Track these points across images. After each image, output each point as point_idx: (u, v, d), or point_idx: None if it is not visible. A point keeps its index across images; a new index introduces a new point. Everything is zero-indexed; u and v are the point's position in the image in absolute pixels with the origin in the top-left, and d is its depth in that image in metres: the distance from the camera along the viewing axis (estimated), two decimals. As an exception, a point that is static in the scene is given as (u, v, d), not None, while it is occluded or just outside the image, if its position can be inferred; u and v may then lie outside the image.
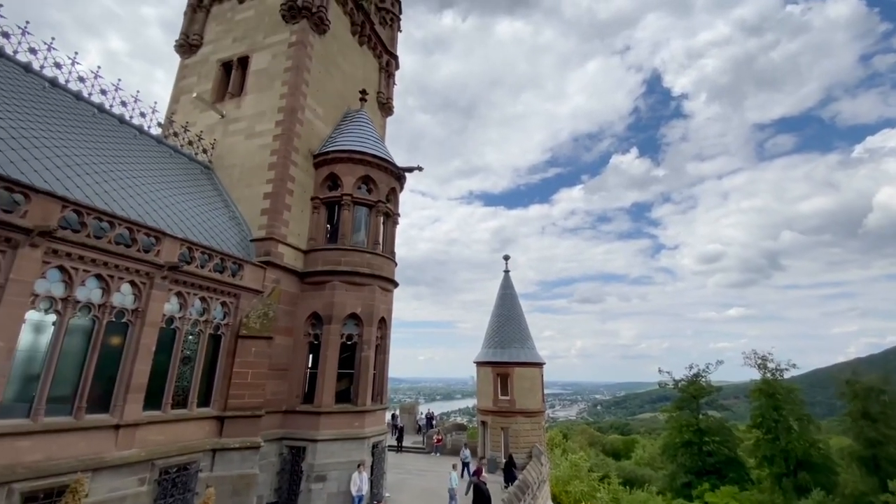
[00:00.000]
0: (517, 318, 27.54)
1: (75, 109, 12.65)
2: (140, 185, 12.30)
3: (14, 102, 10.60)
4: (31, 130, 10.22)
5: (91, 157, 11.41)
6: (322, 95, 18.57)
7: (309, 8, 17.92)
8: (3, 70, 11.18)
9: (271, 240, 14.90)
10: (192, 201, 14.07)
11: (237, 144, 17.29)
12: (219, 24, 20.47)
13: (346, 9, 21.19)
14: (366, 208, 17.23)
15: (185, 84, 19.86)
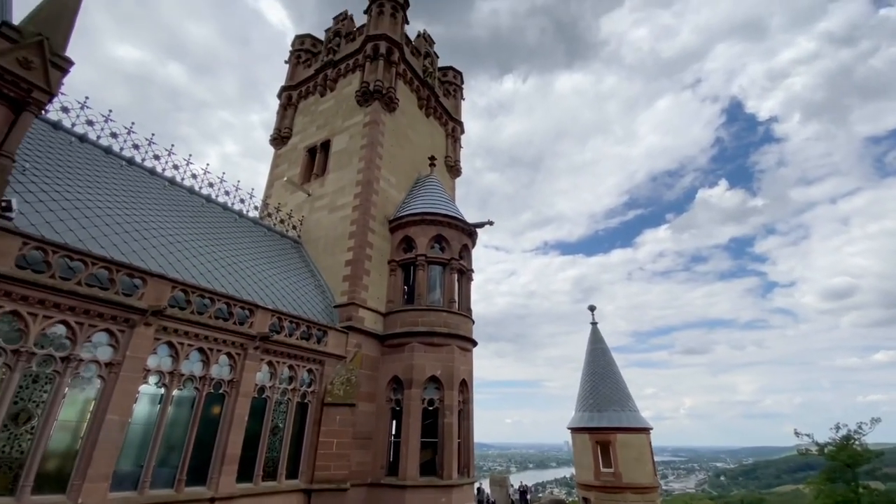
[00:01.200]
0: (613, 376, 25.04)
1: (189, 202, 14.62)
2: (238, 262, 13.55)
3: (140, 200, 12.49)
4: (151, 222, 11.86)
5: (198, 241, 12.89)
6: (394, 165, 19.74)
7: (380, 91, 19.65)
8: (133, 175, 13.37)
9: (352, 305, 15.37)
10: (282, 273, 15.15)
11: (322, 218, 18.70)
12: (304, 116, 23.18)
13: (412, 87, 22.97)
14: (440, 267, 17.33)
15: (278, 171, 22.36)
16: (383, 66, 20.40)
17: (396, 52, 21.15)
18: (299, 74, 24.49)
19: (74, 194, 10.24)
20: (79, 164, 11.54)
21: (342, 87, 21.98)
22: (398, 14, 22.35)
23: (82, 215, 9.86)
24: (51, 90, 8.55)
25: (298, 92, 23.94)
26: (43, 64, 8.47)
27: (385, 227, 17.91)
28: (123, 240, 10.27)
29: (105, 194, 11.21)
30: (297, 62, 25.29)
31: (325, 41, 24.76)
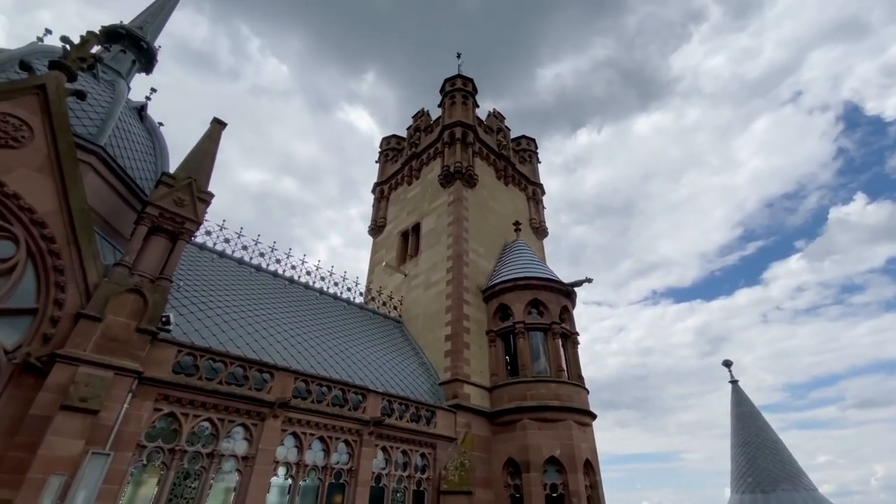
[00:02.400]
0: (772, 445, 20.71)
1: (305, 296, 16.19)
2: (348, 348, 14.33)
3: (266, 301, 14.10)
4: (276, 319, 13.22)
5: (314, 331, 13.99)
6: (481, 236, 20.17)
7: (460, 171, 20.83)
8: (260, 279, 15.28)
9: (456, 381, 15.12)
10: (389, 354, 15.63)
11: (419, 296, 19.37)
12: (395, 205, 25.20)
13: (489, 161, 24.03)
14: (540, 333, 16.58)
15: (377, 257, 24.09)
16: (460, 148, 21.81)
17: (471, 134, 22.58)
18: (388, 170, 27.11)
19: (216, 303, 11.91)
20: (218, 277, 13.54)
21: (426, 174, 23.74)
22: (469, 101, 24.22)
23: (222, 321, 11.34)
24: (199, 220, 10.37)
25: (389, 185, 26.33)
26: (192, 200, 10.38)
27: (479, 297, 17.93)
28: (254, 339, 11.51)
29: (239, 300, 12.87)
30: (385, 160, 28.16)
31: (407, 137, 27.45)
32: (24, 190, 8.29)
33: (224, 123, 12.14)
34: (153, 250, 9.63)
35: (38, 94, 8.80)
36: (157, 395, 8.78)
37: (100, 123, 10.59)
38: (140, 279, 9.04)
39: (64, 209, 8.53)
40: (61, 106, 8.91)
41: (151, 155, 12.69)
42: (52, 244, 8.33)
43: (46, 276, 8.22)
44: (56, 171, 8.61)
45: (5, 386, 7.41)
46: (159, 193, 9.98)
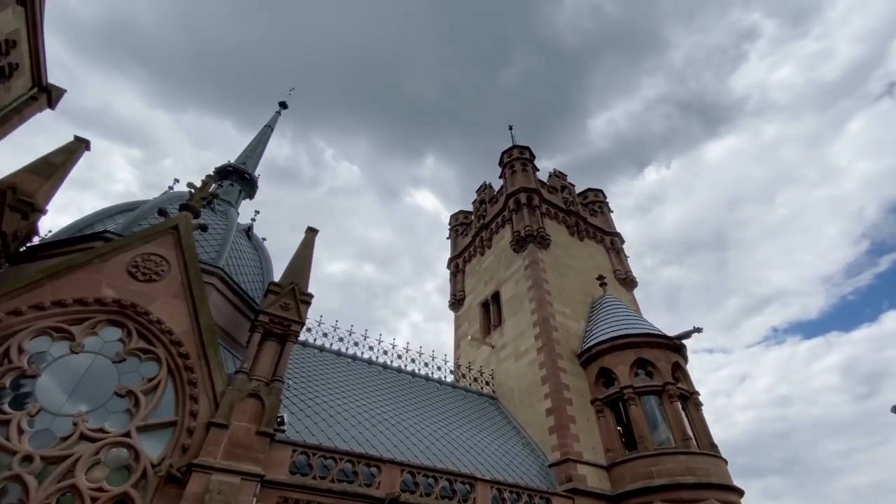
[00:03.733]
0: None
1: (398, 380, 16.38)
2: (447, 431, 13.95)
3: (365, 390, 14.45)
4: (376, 407, 13.39)
5: (412, 416, 13.91)
6: (564, 297, 19.49)
7: (531, 234, 20.88)
8: (357, 368, 15.83)
9: (568, 461, 13.86)
10: (489, 436, 14.93)
11: (510, 368, 18.73)
12: (471, 277, 25.54)
13: (558, 220, 23.90)
14: (654, 396, 15.00)
15: (461, 331, 24.07)
16: (527, 212, 22.06)
17: (536, 197, 22.87)
18: (460, 244, 27.94)
19: (321, 397, 12.44)
20: (320, 371, 14.27)
21: (497, 242, 24.07)
22: (528, 166, 24.89)
23: (328, 415, 11.74)
24: (302, 321, 11.23)
25: (462, 258, 26.96)
26: (296, 304, 11.34)
27: (575, 363, 16.90)
28: (359, 431, 11.69)
29: (341, 391, 13.35)
30: (456, 235, 29.18)
31: (474, 210, 28.45)
32: (164, 315, 9.65)
33: (316, 230, 13.51)
34: (266, 354, 10.49)
35: (173, 234, 10.55)
36: (278, 497, 9.04)
37: (218, 248, 12.32)
38: (257, 383, 9.79)
39: (195, 327, 9.73)
40: (190, 240, 10.56)
41: (259, 268, 14.31)
42: (187, 360, 9.42)
43: (183, 390, 9.21)
44: (188, 295, 9.99)
45: (152, 498, 8.09)
46: (268, 301, 11.07)
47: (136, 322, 9.41)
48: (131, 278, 9.70)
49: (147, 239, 10.40)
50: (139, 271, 9.80)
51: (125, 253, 9.99)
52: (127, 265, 9.77)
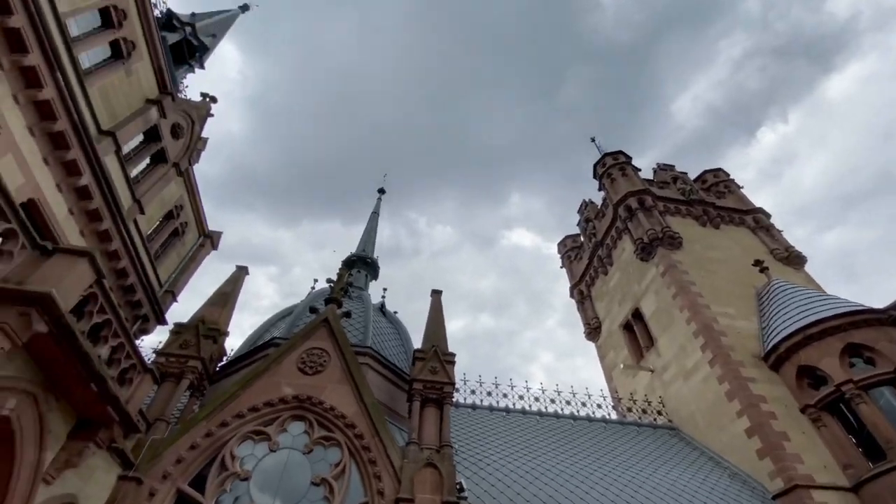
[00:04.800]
0: None
1: (558, 426, 15.33)
2: (635, 474, 12.41)
3: (526, 441, 13.73)
4: (543, 458, 12.54)
5: (587, 465, 12.71)
6: (720, 295, 17.03)
7: (656, 237, 19.07)
8: (513, 421, 15.22)
9: (797, 489, 11.28)
10: (685, 472, 12.94)
11: (681, 390, 16.50)
12: (600, 300, 23.86)
13: (681, 213, 21.61)
14: (887, 387, 11.86)
15: (608, 361, 22.19)
16: (643, 216, 20.36)
17: (648, 198, 21.14)
18: (577, 269, 26.61)
19: (489, 457, 12.08)
20: (478, 429, 14.01)
21: (618, 257, 22.41)
22: (627, 169, 23.36)
23: (502, 475, 11.27)
24: (452, 381, 11.29)
25: (584, 283, 25.51)
26: (442, 366, 11.50)
27: (763, 367, 14.27)
28: (538, 487, 10.97)
29: (505, 448, 12.86)
30: (569, 262, 27.96)
31: (581, 231, 27.21)
32: (335, 401, 10.40)
33: (440, 291, 13.93)
34: (428, 421, 10.62)
35: (325, 326, 11.64)
36: (480, 571, 8.63)
37: (363, 330, 13.27)
38: (429, 452, 9.84)
39: (363, 408, 10.30)
40: (340, 329, 11.53)
41: (398, 339, 15.04)
42: (363, 440, 9.90)
43: (366, 470, 9.60)
44: (350, 379, 10.73)
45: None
46: (417, 369, 11.40)
47: (314, 413, 10.27)
48: (302, 374, 10.76)
49: (306, 336, 11.59)
50: (307, 366, 10.86)
51: (292, 353, 11.21)
52: (296, 363, 10.91)
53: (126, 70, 10.95)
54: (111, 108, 10.54)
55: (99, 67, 10.31)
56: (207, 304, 12.14)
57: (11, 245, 5.94)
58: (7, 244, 5.91)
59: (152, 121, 11.87)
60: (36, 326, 5.60)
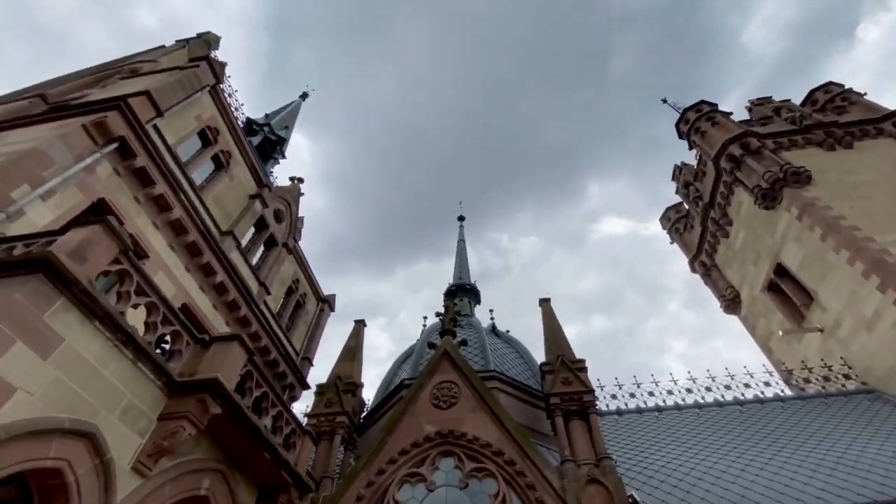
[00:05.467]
0: None
1: (725, 415, 13.49)
2: (842, 453, 10.35)
3: (692, 439, 12.22)
4: (724, 458, 11.00)
5: (776, 453, 10.90)
6: (881, 221, 14.11)
7: (778, 179, 16.61)
8: (668, 419, 13.74)
9: None
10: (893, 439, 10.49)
11: (866, 345, 13.70)
12: (729, 267, 21.16)
13: (798, 145, 18.65)
14: None
15: (760, 331, 19.35)
16: (753, 160, 17.92)
17: (752, 139, 18.64)
18: (691, 240, 24.09)
19: (655, 463, 10.97)
20: (633, 436, 12.87)
21: (737, 213, 19.86)
22: (716, 117, 20.98)
23: (676, 480, 10.10)
24: (590, 388, 10.60)
25: (704, 253, 22.93)
26: (573, 374, 10.87)
27: (979, 293, 11.32)
28: (724, 489, 9.61)
29: (670, 451, 11.61)
30: (679, 234, 25.47)
31: (683, 198, 24.78)
32: (476, 431, 10.28)
33: (548, 299, 13.42)
34: (577, 435, 9.97)
35: (447, 358, 11.74)
36: (684, 593, 7.64)
37: (482, 354, 13.18)
38: (588, 468, 9.19)
39: (505, 433, 10.03)
40: (462, 358, 11.56)
41: (518, 356, 14.67)
42: (514, 466, 9.57)
43: (526, 496, 9.21)
44: (484, 406, 10.58)
45: None
46: (549, 383, 10.90)
47: (460, 446, 10.23)
48: (438, 409, 10.87)
49: (431, 372, 11.79)
50: (440, 401, 10.96)
51: (423, 391, 11.42)
52: (430, 399, 11.07)
53: (229, 176, 12.67)
54: (224, 210, 12.17)
55: (208, 181, 12.05)
56: (339, 361, 12.99)
57: (179, 344, 6.91)
58: (176, 344, 6.89)
59: (258, 213, 13.47)
60: (212, 409, 6.36)
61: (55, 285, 5.10)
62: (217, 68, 12.56)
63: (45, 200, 7.45)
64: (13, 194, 6.99)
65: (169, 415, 6.24)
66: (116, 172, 8.93)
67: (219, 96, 12.86)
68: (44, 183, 7.43)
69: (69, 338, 5.21)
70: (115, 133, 8.66)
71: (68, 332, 5.21)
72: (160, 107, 9.89)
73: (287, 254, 15.28)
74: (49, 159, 7.66)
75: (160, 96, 10.00)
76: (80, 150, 8.18)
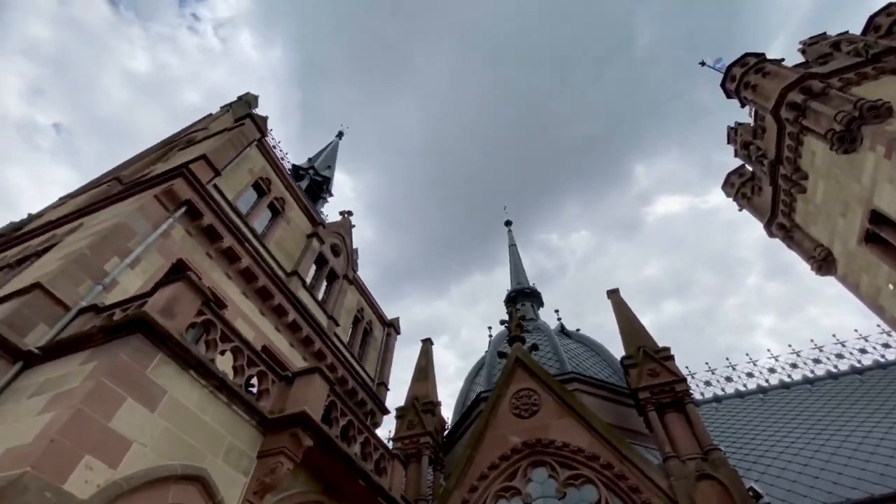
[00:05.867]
0: None
1: (841, 390, 12.03)
2: None
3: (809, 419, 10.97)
4: (851, 437, 9.77)
5: None
6: None
7: (853, 119, 14.91)
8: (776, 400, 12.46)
9: None
10: None
11: None
12: (814, 224, 19.14)
13: (867, 76, 16.71)
14: None
15: (865, 289, 17.21)
16: (819, 104, 16.23)
17: (812, 81, 16.96)
18: (762, 204, 22.12)
19: (770, 451, 9.99)
20: (738, 423, 11.81)
21: (810, 164, 18.01)
22: (766, 66, 19.33)
23: (800, 467, 9.09)
24: (681, 377, 9.89)
25: (780, 214, 20.95)
26: (660, 365, 10.21)
27: None
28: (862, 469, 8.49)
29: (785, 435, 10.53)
30: (747, 200, 23.51)
31: (744, 160, 22.94)
32: (564, 437, 9.85)
33: (616, 290, 12.82)
34: (675, 429, 9.28)
35: (520, 366, 11.45)
36: None
37: (556, 357, 12.73)
38: (694, 462, 8.48)
39: (596, 436, 9.53)
40: (536, 363, 11.23)
41: (594, 354, 14.02)
42: (612, 469, 9.04)
43: (631, 500, 8.64)
44: (568, 410, 10.15)
45: None
46: (634, 376, 10.28)
47: (550, 454, 9.84)
48: (520, 419, 10.56)
49: (507, 382, 11.52)
50: (521, 410, 10.65)
51: (502, 402, 11.17)
52: (510, 410, 10.79)
53: (285, 220, 13.38)
54: (286, 252, 12.83)
55: (268, 227, 12.78)
56: (413, 382, 13.07)
57: (266, 383, 7.22)
58: (263, 383, 7.21)
59: (317, 250, 14.07)
60: (305, 442, 6.54)
61: (152, 342, 5.51)
62: (260, 122, 13.42)
63: (133, 268, 8.19)
64: (106, 267, 7.75)
65: (266, 452, 6.49)
66: (188, 233, 9.68)
67: (265, 148, 13.70)
68: (130, 253, 8.19)
69: (170, 389, 5.60)
70: (182, 197, 9.43)
71: (169, 383, 5.60)
72: (216, 167, 10.66)
73: (348, 284, 15.75)
74: (131, 231, 8.45)
75: (215, 157, 10.80)
76: (155, 219, 8.97)
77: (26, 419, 5.00)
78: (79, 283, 7.29)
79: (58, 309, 6.77)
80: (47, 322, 6.58)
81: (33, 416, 4.95)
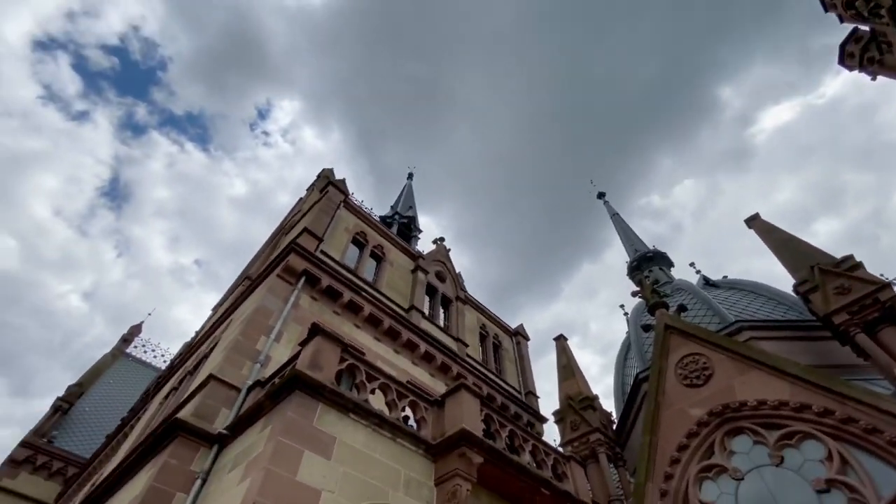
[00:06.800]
0: None
1: None
2: None
3: None
4: None
5: None
6: None
7: None
8: None
9: None
10: None
11: None
12: None
13: None
14: None
15: None
16: None
17: None
18: (908, 59, 17.82)
19: None
20: None
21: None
22: None
23: None
24: (885, 282, 7.97)
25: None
26: (846, 277, 8.37)
27: None
28: None
29: None
30: (880, 63, 19.15)
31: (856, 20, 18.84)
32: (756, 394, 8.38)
33: (755, 215, 11.05)
34: (905, 347, 7.37)
35: (674, 332, 10.19)
36: None
37: (711, 310, 11.19)
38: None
39: (798, 382, 7.97)
40: (688, 324, 9.93)
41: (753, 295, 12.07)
42: (833, 415, 7.41)
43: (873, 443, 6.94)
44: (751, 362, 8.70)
45: None
46: (818, 301, 8.53)
47: (745, 417, 8.42)
48: (694, 388, 9.28)
49: (663, 354, 10.29)
50: (691, 379, 9.38)
51: (665, 374, 9.96)
52: (679, 382, 9.56)
53: (388, 263, 14.03)
54: (398, 291, 13.37)
55: (377, 274, 13.49)
56: (561, 383, 12.38)
57: (420, 412, 7.29)
58: (417, 413, 7.28)
59: (424, 281, 14.47)
60: (474, 459, 6.38)
61: (310, 395, 5.89)
62: (340, 185, 14.53)
63: (279, 341, 9.08)
64: (257, 346, 8.70)
65: (442, 477, 6.45)
66: (313, 298, 10.56)
67: (352, 206, 14.74)
68: (272, 329, 9.11)
69: (338, 434, 5.88)
70: (299, 269, 10.38)
71: (335, 429, 5.90)
72: (318, 234, 11.64)
73: (463, 305, 15.81)
74: (268, 310, 9.45)
75: (314, 227, 11.82)
76: (284, 294, 9.95)
77: (230, 491, 5.57)
78: (240, 366, 8.23)
79: (231, 392, 7.67)
80: (226, 405, 7.47)
81: (235, 487, 5.50)
